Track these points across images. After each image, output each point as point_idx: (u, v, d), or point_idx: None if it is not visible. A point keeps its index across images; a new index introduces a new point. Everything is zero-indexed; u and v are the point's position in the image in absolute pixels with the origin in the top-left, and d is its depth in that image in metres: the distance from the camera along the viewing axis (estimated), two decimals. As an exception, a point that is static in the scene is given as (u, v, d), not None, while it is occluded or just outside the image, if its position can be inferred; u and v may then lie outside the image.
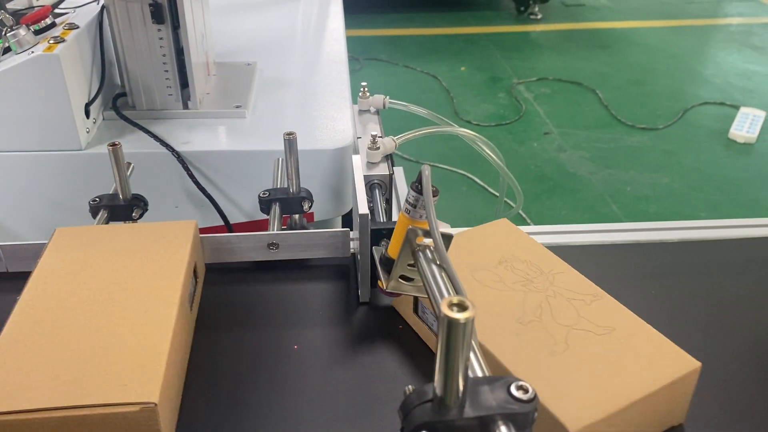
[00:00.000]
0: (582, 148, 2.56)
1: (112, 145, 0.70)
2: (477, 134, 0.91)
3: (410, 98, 0.99)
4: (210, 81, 1.10)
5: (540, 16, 3.92)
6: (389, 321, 0.66)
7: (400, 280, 0.56)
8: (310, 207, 0.79)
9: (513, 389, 0.36)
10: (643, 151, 2.55)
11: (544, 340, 0.53)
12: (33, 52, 0.86)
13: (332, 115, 1.04)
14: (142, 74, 0.97)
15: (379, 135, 0.85)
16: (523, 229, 0.76)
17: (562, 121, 2.76)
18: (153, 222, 0.67)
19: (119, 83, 1.04)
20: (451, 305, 0.32)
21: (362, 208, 0.63)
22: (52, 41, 0.87)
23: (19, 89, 0.87)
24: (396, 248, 0.55)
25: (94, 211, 0.74)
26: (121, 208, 0.74)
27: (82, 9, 1.02)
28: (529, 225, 2.06)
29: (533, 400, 0.36)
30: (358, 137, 0.88)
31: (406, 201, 0.54)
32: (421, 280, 0.50)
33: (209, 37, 1.09)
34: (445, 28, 3.78)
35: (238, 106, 1.02)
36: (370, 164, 0.81)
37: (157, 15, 0.92)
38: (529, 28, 3.83)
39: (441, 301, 0.33)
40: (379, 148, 0.81)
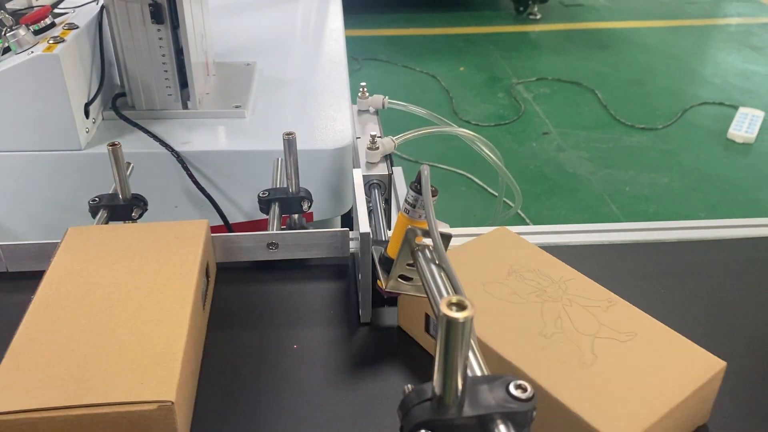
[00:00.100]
0: (581, 148, 2.56)
1: (112, 145, 0.70)
2: (476, 134, 0.91)
3: (409, 98, 0.99)
4: (209, 81, 1.10)
5: (539, 16, 3.93)
6: (388, 321, 0.66)
7: (399, 280, 0.56)
8: (310, 207, 0.79)
9: (512, 388, 0.36)
10: (643, 151, 2.55)
11: (570, 351, 0.53)
12: (33, 52, 0.86)
13: (331, 115, 1.04)
14: (142, 74, 0.97)
15: (379, 135, 0.85)
16: (522, 230, 0.76)
17: (562, 121, 2.76)
18: (165, 221, 0.67)
19: (119, 83, 1.04)
20: (450, 305, 0.33)
21: (363, 226, 0.61)
22: (51, 41, 0.88)
23: (18, 89, 0.87)
24: (395, 248, 0.55)
25: (94, 211, 0.74)
26: (121, 207, 0.74)
27: (82, 9, 1.02)
28: (528, 225, 2.07)
29: (532, 399, 0.36)
30: (357, 137, 0.88)
31: (406, 201, 0.54)
32: (420, 280, 0.50)
33: (208, 37, 1.09)
34: (445, 28, 3.78)
35: (237, 106, 1.02)
36: (370, 164, 0.81)
37: (157, 15, 0.92)
38: (528, 28, 3.83)
39: (440, 301, 0.33)
40: (378, 148, 0.81)
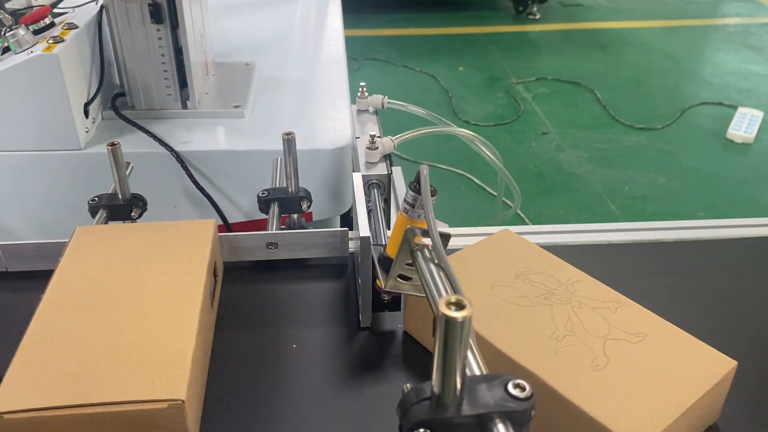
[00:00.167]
0: (580, 148, 2.56)
1: (111, 144, 0.70)
2: (475, 134, 0.91)
3: (409, 98, 0.99)
4: (209, 81, 1.10)
5: (538, 16, 3.93)
6: (388, 323, 0.66)
7: (399, 279, 0.56)
8: (309, 206, 0.79)
9: (510, 387, 0.37)
10: (642, 151, 2.55)
11: (583, 354, 0.53)
12: (32, 52, 0.86)
13: (331, 114, 1.04)
14: (141, 74, 0.97)
15: (378, 135, 0.85)
16: (521, 229, 0.76)
17: (561, 121, 2.76)
18: (172, 221, 0.67)
19: (118, 83, 1.04)
20: (449, 304, 0.33)
21: (363, 230, 0.61)
22: (51, 41, 0.88)
23: (18, 89, 0.87)
24: (394, 247, 0.55)
25: (93, 211, 0.74)
26: (120, 207, 0.74)
27: (81, 9, 1.02)
28: (528, 225, 2.07)
29: (530, 398, 0.36)
30: (357, 137, 0.88)
31: (405, 200, 0.54)
32: (420, 280, 0.50)
33: (208, 37, 1.09)
34: (444, 28, 3.78)
35: (236, 106, 1.02)
36: (369, 164, 0.81)
37: (156, 15, 0.92)
38: (528, 28, 3.83)
39: (439, 300, 0.33)
40: (377, 148, 0.81)
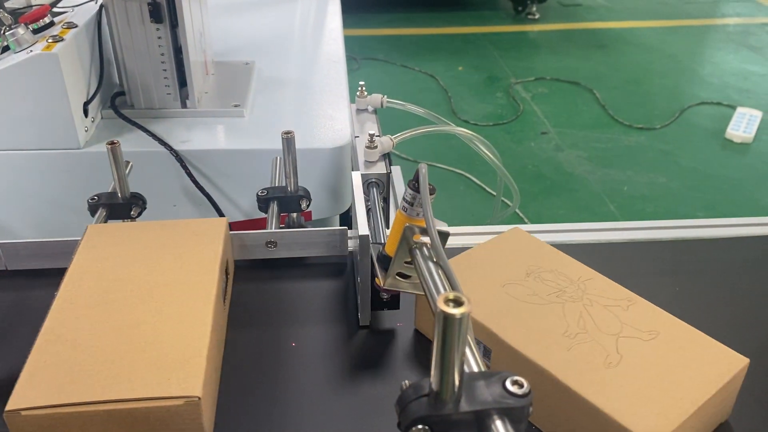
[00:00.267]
0: (579, 148, 2.56)
1: (111, 143, 0.70)
2: (474, 133, 0.91)
3: (408, 98, 0.99)
4: (208, 80, 1.10)
5: (537, 16, 3.93)
6: (387, 321, 0.66)
7: (397, 278, 0.57)
8: (308, 205, 0.79)
9: (508, 384, 0.37)
10: (641, 151, 2.56)
11: (596, 352, 0.53)
12: (32, 51, 0.86)
13: (330, 114, 1.04)
14: (141, 73, 0.97)
15: (377, 134, 0.86)
16: (522, 229, 0.76)
17: (560, 121, 2.76)
18: (184, 219, 0.67)
19: (118, 82, 1.04)
20: (447, 301, 0.33)
21: (362, 229, 0.61)
22: (50, 40, 0.88)
23: (17, 88, 0.87)
24: (393, 246, 0.55)
25: (93, 210, 0.74)
26: (120, 206, 0.74)
27: (81, 8, 1.02)
28: (527, 224, 2.07)
29: (528, 395, 0.36)
30: (356, 136, 0.88)
31: (404, 199, 0.54)
32: (418, 278, 0.50)
33: (207, 36, 1.09)
34: (443, 28, 3.78)
35: (236, 105, 1.02)
36: (368, 163, 0.81)
37: (156, 14, 0.92)
38: (527, 28, 3.83)
39: (437, 297, 0.33)
40: (376, 147, 0.82)
